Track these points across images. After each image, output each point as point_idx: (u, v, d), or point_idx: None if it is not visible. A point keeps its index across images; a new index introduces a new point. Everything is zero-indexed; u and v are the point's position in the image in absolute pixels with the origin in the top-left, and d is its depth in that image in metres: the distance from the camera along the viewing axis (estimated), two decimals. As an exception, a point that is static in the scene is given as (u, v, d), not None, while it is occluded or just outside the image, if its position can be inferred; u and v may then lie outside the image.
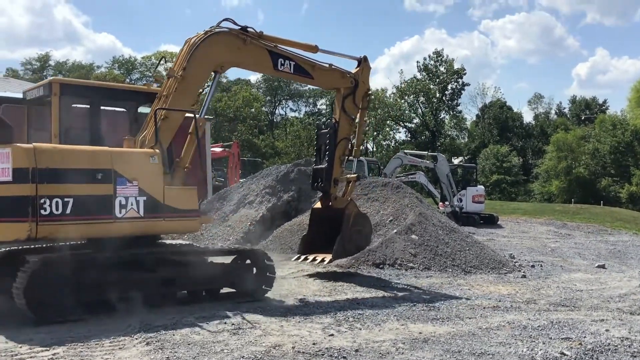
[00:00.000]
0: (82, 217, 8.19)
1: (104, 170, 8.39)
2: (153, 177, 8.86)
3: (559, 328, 8.41)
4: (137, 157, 8.89)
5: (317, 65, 11.58)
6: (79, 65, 76.90)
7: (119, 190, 8.48)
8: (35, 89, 9.48)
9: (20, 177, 7.83)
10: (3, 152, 7.93)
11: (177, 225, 9.40)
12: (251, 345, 7.14)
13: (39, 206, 7.83)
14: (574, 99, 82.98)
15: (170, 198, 9.00)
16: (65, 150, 8.36)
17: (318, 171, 12.22)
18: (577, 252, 19.80)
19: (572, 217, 35.08)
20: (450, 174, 30.15)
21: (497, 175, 64.51)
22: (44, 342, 7.06)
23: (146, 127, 9.41)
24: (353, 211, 12.22)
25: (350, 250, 12.48)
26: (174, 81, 9.58)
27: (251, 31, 10.47)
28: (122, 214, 8.51)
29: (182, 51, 9.94)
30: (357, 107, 12.31)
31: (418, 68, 76.37)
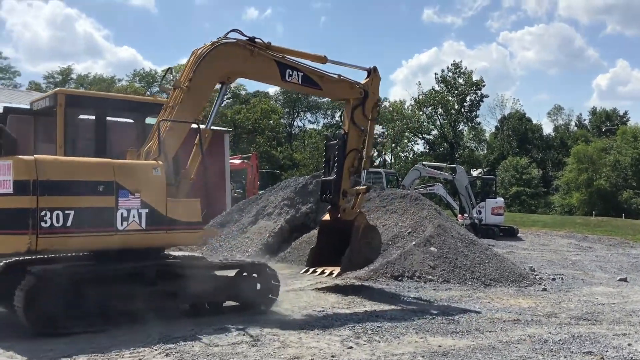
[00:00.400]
0: (83, 230, 8.10)
1: (106, 182, 8.31)
2: (156, 189, 8.76)
3: (581, 342, 8.31)
4: (139, 169, 8.81)
5: (326, 76, 11.44)
6: (100, 78, 77.86)
7: (120, 202, 8.39)
8: (42, 99, 9.52)
9: (21, 189, 7.78)
10: (4, 164, 7.91)
11: (180, 238, 9.33)
12: (270, 357, 7.14)
13: (40, 218, 7.76)
14: (594, 110, 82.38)
15: (173, 210, 8.89)
16: (66, 162, 8.35)
17: (326, 183, 12.04)
18: (599, 265, 19.55)
19: (593, 229, 34.72)
20: (469, 185, 30.05)
21: (516, 187, 64.03)
22: (65, 353, 7.12)
23: (151, 139, 9.35)
24: (362, 223, 12.01)
25: (359, 263, 12.32)
26: (180, 92, 9.53)
27: (259, 42, 10.37)
28: (123, 227, 8.41)
29: (189, 62, 9.90)
30: (367, 118, 12.09)
31: (436, 80, 76.39)
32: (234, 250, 17.19)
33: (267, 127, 69.19)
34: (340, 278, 12.92)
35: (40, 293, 7.82)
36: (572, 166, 62.28)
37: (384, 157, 78.22)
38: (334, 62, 11.60)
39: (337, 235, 11.93)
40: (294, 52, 11.08)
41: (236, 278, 9.96)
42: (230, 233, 18.36)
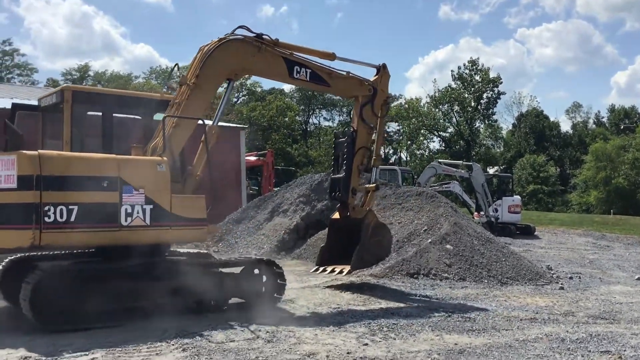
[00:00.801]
0: (87, 225, 8.06)
1: (110, 178, 8.27)
2: (160, 185, 8.72)
3: (598, 341, 8.25)
4: (144, 165, 8.76)
5: (334, 72, 11.37)
6: (117, 75, 78.38)
7: (124, 198, 8.35)
8: (49, 96, 9.51)
9: (25, 184, 7.75)
10: (9, 159, 7.89)
11: (184, 235, 9.28)
12: (286, 353, 7.17)
13: (43, 213, 7.74)
14: (612, 108, 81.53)
15: (178, 207, 8.86)
16: (70, 158, 8.29)
17: (336, 181, 11.95)
18: (617, 264, 19.36)
19: (611, 228, 34.41)
20: (486, 183, 29.88)
21: (533, 185, 63.61)
22: (84, 347, 7.20)
23: (157, 135, 9.32)
24: (372, 221, 11.90)
25: (369, 261, 12.25)
26: (187, 89, 9.52)
27: (266, 38, 10.35)
28: (127, 222, 8.38)
29: (196, 59, 9.90)
30: (376, 115, 12.01)
31: (453, 77, 76.05)
32: (250, 247, 17.26)
33: (283, 124, 69.30)
34: (356, 275, 12.92)
35: (47, 289, 7.87)
36: (590, 164, 61.74)
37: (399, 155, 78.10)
38: (343, 59, 11.53)
39: (346, 234, 11.88)
40: (303, 49, 11.04)
41: (241, 275, 9.90)
42: (245, 230, 18.44)
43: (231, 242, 17.83)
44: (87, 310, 8.07)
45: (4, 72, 71.81)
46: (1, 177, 7.88)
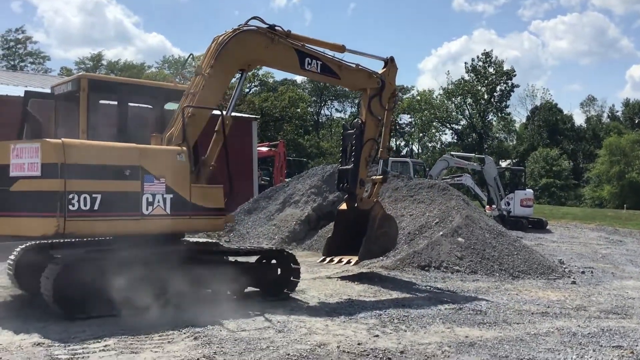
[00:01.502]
0: (109, 214, 8.14)
1: (132, 167, 8.35)
2: (180, 174, 8.81)
3: (610, 336, 8.21)
4: (164, 154, 8.85)
5: (344, 65, 11.44)
6: (130, 64, 78.59)
7: (146, 187, 8.45)
8: (64, 84, 9.52)
9: (49, 172, 7.80)
10: (32, 146, 7.92)
11: (203, 224, 9.41)
12: (296, 343, 7.19)
13: (68, 202, 7.81)
14: (627, 101, 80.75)
15: (197, 196, 8.95)
16: (93, 146, 8.32)
17: (344, 172, 12.02)
18: (629, 259, 19.24)
19: (624, 223, 34.17)
20: (498, 176, 29.74)
21: (546, 179, 63.24)
22: (96, 334, 7.26)
23: (173, 125, 9.39)
24: (379, 213, 12.02)
25: (376, 252, 12.36)
26: (202, 79, 9.54)
27: (279, 30, 10.37)
28: (149, 211, 8.47)
29: (210, 49, 9.92)
30: (384, 108, 12.06)
31: (466, 69, 75.63)
32: (261, 238, 17.30)
33: (295, 115, 69.25)
34: (367, 267, 12.94)
35: (68, 278, 7.93)
36: (604, 158, 61.24)
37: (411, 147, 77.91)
38: (352, 51, 11.60)
39: (353, 225, 11.96)
40: (313, 41, 11.09)
41: (257, 264, 10.05)
42: (257, 220, 18.48)
43: (242, 232, 17.88)
44: (110, 297, 8.10)
45: (17, 60, 72.23)
46: (24, 164, 7.94)
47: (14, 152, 8.04)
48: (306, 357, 6.64)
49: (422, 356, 6.86)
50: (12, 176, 8.01)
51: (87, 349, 6.69)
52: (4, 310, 8.68)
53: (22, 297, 9.64)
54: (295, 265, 10.15)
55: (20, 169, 7.97)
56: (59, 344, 6.87)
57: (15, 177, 7.98)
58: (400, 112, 74.42)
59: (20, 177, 7.95)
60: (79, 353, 6.56)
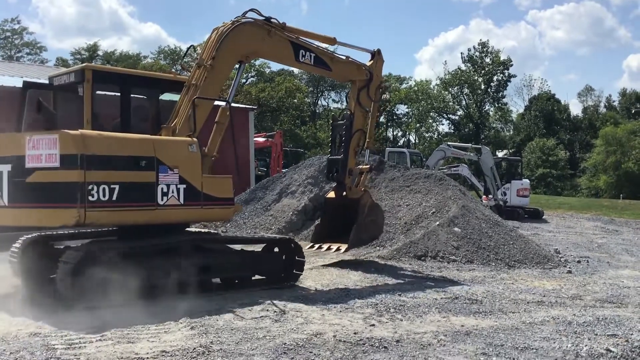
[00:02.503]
0: (126, 204, 8.26)
1: (147, 158, 8.48)
2: (192, 165, 8.97)
3: (605, 324, 8.25)
4: (177, 145, 8.98)
5: (336, 57, 11.80)
6: (126, 55, 78.27)
7: (161, 177, 8.59)
8: (65, 75, 9.48)
9: (69, 163, 7.85)
10: (50, 138, 7.95)
11: (213, 213, 9.62)
12: (293, 332, 7.21)
13: (87, 192, 7.88)
14: (624, 91, 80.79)
15: (208, 186, 9.14)
16: (110, 137, 8.40)
17: (333, 162, 12.43)
18: (625, 248, 19.30)
19: (620, 212, 34.29)
20: (495, 166, 29.77)
21: (542, 169, 63.35)
22: (93, 325, 7.26)
23: (176, 116, 9.48)
24: (368, 201, 12.46)
25: (365, 240, 12.74)
26: (204, 70, 9.64)
27: (275, 22, 10.59)
28: (163, 201, 8.62)
29: (210, 40, 9.99)
30: (371, 99, 12.48)
31: (463, 59, 75.65)
32: (258, 228, 17.31)
33: (292, 106, 69.12)
34: (363, 256, 12.97)
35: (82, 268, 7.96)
36: (600, 148, 61.32)
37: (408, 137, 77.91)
38: (342, 43, 11.98)
39: (341, 213, 12.33)
40: (306, 33, 11.36)
41: (262, 253, 10.30)
42: (254, 210, 18.48)
43: (239, 222, 17.87)
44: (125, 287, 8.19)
45: (13, 50, 71.86)
46: (42, 156, 7.97)
47: (29, 143, 8.08)
48: (302, 346, 6.66)
49: (418, 345, 6.88)
50: (28, 167, 8.08)
51: (83, 339, 6.70)
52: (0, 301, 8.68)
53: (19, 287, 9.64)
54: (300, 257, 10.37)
55: (37, 160, 8.01)
56: (56, 334, 6.89)
57: (32, 168, 8.05)
58: (397, 102, 74.39)
59: (38, 168, 8.01)
60: (76, 343, 6.57)
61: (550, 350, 6.84)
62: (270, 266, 10.19)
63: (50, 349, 6.36)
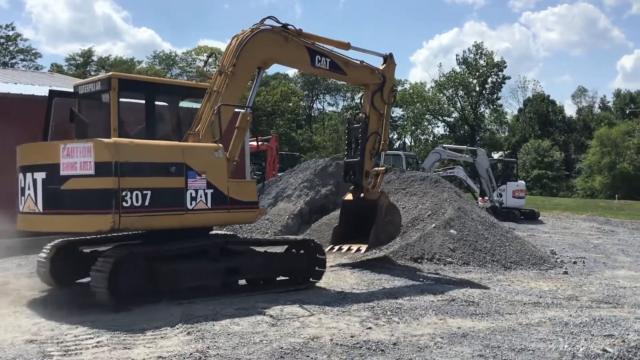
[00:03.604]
0: (158, 209, 8.57)
1: (177, 164, 8.79)
2: (219, 170, 9.28)
3: (602, 325, 8.26)
4: (204, 151, 9.28)
5: (350, 62, 12.04)
6: (120, 60, 78.13)
7: (190, 183, 8.90)
8: (91, 83, 9.71)
9: (103, 170, 8.13)
10: (85, 146, 8.22)
11: (239, 217, 10.01)
12: (289, 336, 7.20)
13: (121, 198, 8.15)
14: (618, 92, 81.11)
15: (234, 190, 9.47)
16: (141, 145, 8.69)
17: (350, 164, 12.67)
18: (621, 248, 19.36)
19: (615, 213, 34.38)
20: (490, 168, 29.83)
21: (538, 170, 63.43)
22: (89, 331, 7.26)
23: (198, 122, 9.72)
24: (385, 202, 12.70)
25: (383, 240, 12.85)
26: (225, 77, 9.91)
27: (291, 29, 10.83)
28: (192, 206, 8.93)
29: (230, 47, 10.27)
30: (385, 102, 12.79)
31: (457, 61, 75.72)
32: (254, 232, 17.29)
33: (287, 110, 69.13)
34: (358, 259, 12.98)
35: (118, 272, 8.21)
36: (595, 149, 61.46)
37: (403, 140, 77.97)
38: (356, 48, 12.12)
39: (358, 214, 12.58)
40: (321, 39, 11.58)
41: (286, 254, 10.76)
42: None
43: (235, 226, 17.85)
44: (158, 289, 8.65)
45: (8, 57, 71.68)
46: (77, 163, 8.24)
47: (64, 151, 8.34)
48: (299, 350, 6.65)
49: (415, 348, 6.88)
50: (63, 175, 8.34)
51: (80, 345, 6.68)
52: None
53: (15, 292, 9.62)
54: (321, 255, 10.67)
55: (72, 168, 8.28)
56: (52, 341, 6.87)
57: (67, 175, 8.31)
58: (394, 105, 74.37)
59: (73, 175, 8.27)
60: (72, 349, 6.55)
61: (547, 352, 6.85)
62: (294, 266, 10.50)
63: (46, 355, 6.34)
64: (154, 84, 10.53)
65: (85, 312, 8.15)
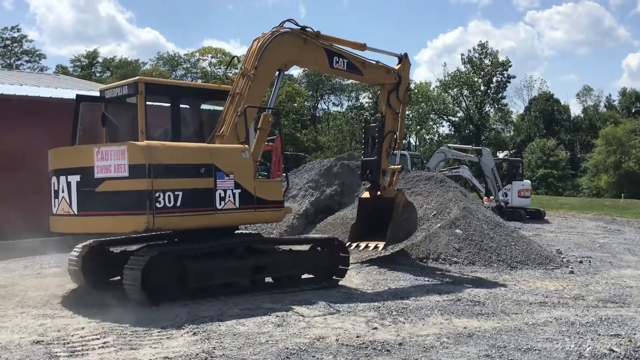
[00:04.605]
0: (189, 209, 8.85)
1: (206, 165, 9.07)
2: (246, 171, 9.54)
3: (608, 324, 8.23)
4: (232, 152, 9.52)
5: (367, 62, 12.22)
6: (125, 61, 78.31)
7: (218, 183, 9.16)
8: (117, 87, 9.95)
9: (137, 172, 8.41)
10: (119, 149, 8.49)
11: (266, 216, 10.19)
12: (295, 337, 7.20)
13: (155, 199, 8.43)
14: (624, 91, 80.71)
15: (260, 190, 9.73)
16: (173, 147, 9.02)
17: (367, 163, 12.82)
18: (627, 248, 19.28)
19: (621, 212, 34.23)
20: (495, 168, 29.75)
21: (543, 170, 63.29)
22: (95, 331, 7.28)
23: (222, 124, 9.94)
24: (402, 200, 12.83)
25: (400, 237, 12.98)
26: (247, 80, 10.10)
27: (310, 31, 11.03)
28: (221, 206, 9.20)
29: (252, 50, 10.46)
30: (400, 101, 12.91)
31: (462, 61, 75.63)
32: (259, 232, 17.27)
33: (292, 110, 69.13)
34: (366, 259, 13.00)
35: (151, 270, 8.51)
36: (601, 148, 61.28)
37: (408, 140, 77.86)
38: (372, 49, 12.33)
39: (375, 212, 12.75)
40: (338, 40, 11.74)
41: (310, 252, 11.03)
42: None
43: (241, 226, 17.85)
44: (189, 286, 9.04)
45: (13, 58, 71.94)
46: (111, 166, 8.54)
47: (98, 154, 8.64)
48: (305, 350, 6.65)
49: (421, 348, 6.87)
50: (97, 177, 8.64)
51: (86, 347, 6.70)
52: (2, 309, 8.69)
53: (22, 293, 9.65)
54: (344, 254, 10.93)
55: (106, 170, 8.58)
56: (58, 342, 6.89)
57: (101, 178, 8.61)
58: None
59: (107, 178, 8.58)
60: (78, 350, 6.57)
61: (553, 351, 6.83)
62: (319, 264, 10.75)
63: (52, 356, 6.36)
64: (178, 87, 10.87)
65: (92, 313, 8.18)
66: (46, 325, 7.60)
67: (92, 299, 9.28)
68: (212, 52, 77.78)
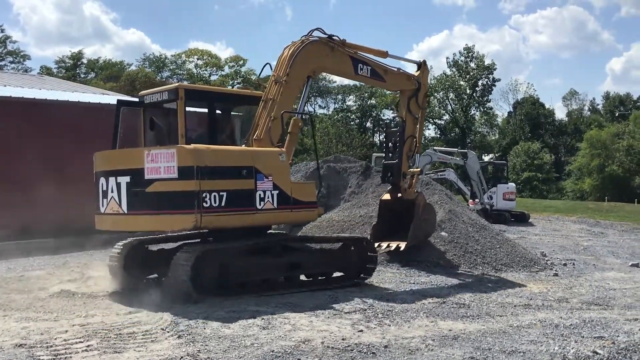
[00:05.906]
0: (233, 209, 9.37)
1: (248, 168, 9.58)
2: (283, 173, 10.06)
3: (592, 327, 8.29)
4: (270, 155, 10.03)
5: (389, 69, 12.66)
6: (109, 63, 77.77)
7: (259, 185, 9.67)
8: (157, 93, 10.29)
9: (186, 174, 8.91)
10: (168, 152, 8.98)
11: (301, 216, 10.75)
12: (281, 339, 7.19)
13: (202, 199, 8.91)
14: (607, 95, 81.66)
15: (296, 191, 10.23)
16: (217, 150, 9.51)
17: (388, 166, 13.23)
18: (611, 250, 19.46)
19: (605, 215, 34.55)
20: (481, 171, 29.90)
21: (528, 173, 63.76)
22: (79, 334, 7.21)
23: (255, 128, 10.44)
24: (422, 202, 13.26)
25: (420, 237, 13.35)
26: (279, 86, 10.56)
27: (336, 39, 11.49)
28: (261, 206, 9.72)
29: (282, 58, 10.92)
30: (420, 107, 13.38)
31: (448, 64, 76.09)
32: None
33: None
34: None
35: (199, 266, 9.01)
36: (585, 151, 61.87)
37: (394, 142, 77.97)
38: (393, 56, 12.87)
39: (395, 213, 13.20)
40: (362, 48, 12.17)
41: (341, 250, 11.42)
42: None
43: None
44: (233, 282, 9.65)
45: (-3, 59, 71.13)
46: (161, 168, 9.02)
47: (148, 157, 9.14)
48: (290, 353, 6.63)
49: (406, 350, 6.88)
50: (147, 179, 9.14)
51: (69, 350, 6.64)
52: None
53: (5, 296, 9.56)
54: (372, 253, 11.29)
55: (156, 172, 9.08)
56: (41, 345, 6.82)
57: (151, 179, 9.11)
58: (383, 107, 74.64)
59: (157, 179, 9.08)
60: (62, 353, 6.50)
61: (537, 354, 6.86)
62: (350, 263, 11.15)
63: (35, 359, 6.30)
64: (215, 93, 11.55)
65: (75, 316, 8.11)
66: (29, 329, 7.52)
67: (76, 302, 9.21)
68: (198, 53, 77.51)
